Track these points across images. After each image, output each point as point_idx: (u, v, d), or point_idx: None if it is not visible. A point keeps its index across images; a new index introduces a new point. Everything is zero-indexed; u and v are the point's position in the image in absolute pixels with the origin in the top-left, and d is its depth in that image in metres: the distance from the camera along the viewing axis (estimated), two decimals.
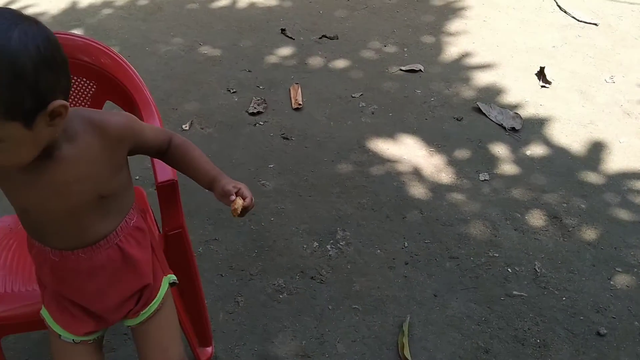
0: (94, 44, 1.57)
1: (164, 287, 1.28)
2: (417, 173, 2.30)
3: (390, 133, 2.49)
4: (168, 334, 1.29)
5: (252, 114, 2.60)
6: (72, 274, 1.16)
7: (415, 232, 2.07)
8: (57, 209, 1.07)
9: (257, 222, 2.12)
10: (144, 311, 1.25)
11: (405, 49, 3.01)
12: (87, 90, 1.58)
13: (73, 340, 1.21)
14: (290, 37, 3.09)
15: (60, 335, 1.20)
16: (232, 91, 2.74)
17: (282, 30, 3.13)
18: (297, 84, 2.76)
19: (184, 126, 2.53)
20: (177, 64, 2.92)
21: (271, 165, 2.35)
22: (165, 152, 1.24)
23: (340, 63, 2.92)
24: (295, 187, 2.26)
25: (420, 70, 2.84)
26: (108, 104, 1.58)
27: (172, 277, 1.32)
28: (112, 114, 1.12)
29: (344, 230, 2.09)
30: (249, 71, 2.87)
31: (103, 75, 1.56)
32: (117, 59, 1.57)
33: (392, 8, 3.33)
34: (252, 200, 1.19)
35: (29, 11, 3.35)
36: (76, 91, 1.58)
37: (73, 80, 1.55)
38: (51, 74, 0.93)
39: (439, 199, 2.19)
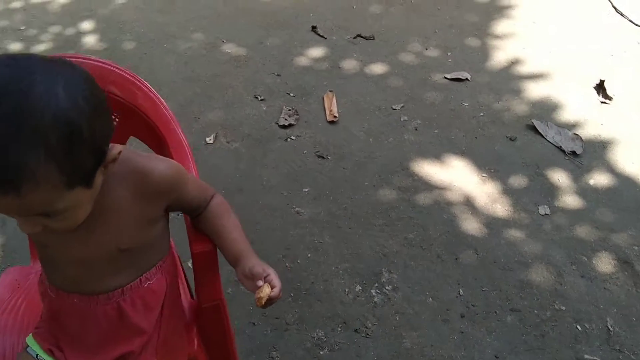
0: (119, 72, 1.32)
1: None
2: (469, 204, 2.06)
3: (436, 154, 2.25)
4: None
5: (283, 126, 2.35)
6: (66, 316, 1.08)
7: (471, 277, 1.84)
8: (74, 253, 0.99)
9: (293, 258, 1.89)
10: None
11: (449, 53, 2.74)
12: None
13: (37, 356, 1.08)
14: (322, 36, 2.81)
15: (28, 346, 1.09)
16: (260, 98, 2.48)
17: (313, 27, 2.85)
18: (331, 91, 2.51)
19: (207, 139, 2.28)
20: (198, 65, 2.65)
21: (306, 189, 2.11)
22: (200, 212, 1.11)
23: (378, 68, 2.65)
24: (333, 217, 2.02)
25: (466, 79, 2.58)
26: (132, 139, 1.34)
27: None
28: (159, 161, 1.00)
29: (390, 271, 1.86)
30: (277, 75, 2.60)
31: (129, 109, 1.31)
32: (147, 90, 1.33)
33: (433, 4, 3.05)
34: (280, 290, 1.02)
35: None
36: None
37: None
38: (102, 121, 0.82)
39: (495, 236, 1.96)
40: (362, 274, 1.86)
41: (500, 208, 2.05)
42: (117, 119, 1.36)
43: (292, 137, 2.32)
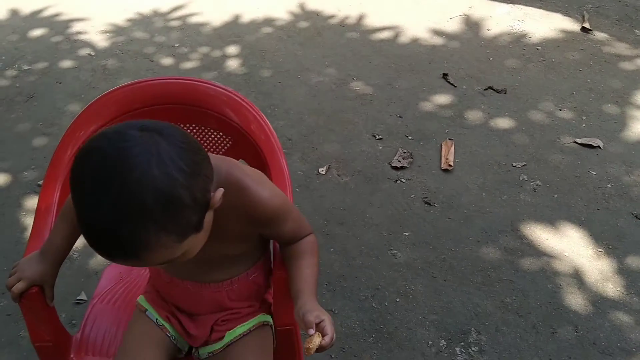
0: (240, 100, 1.42)
1: (256, 319, 1.24)
2: (577, 277, 1.93)
3: (552, 219, 2.13)
4: None
5: (395, 167, 2.36)
6: (177, 298, 1.22)
7: (565, 355, 1.71)
8: None
9: (381, 300, 1.88)
10: (229, 332, 1.21)
11: (584, 117, 2.60)
12: (223, 145, 1.44)
13: (157, 320, 1.22)
14: (452, 84, 2.80)
15: (146, 310, 1.23)
16: (377, 137, 2.52)
17: (444, 74, 2.85)
18: (450, 140, 2.48)
19: (320, 169, 2.35)
20: (326, 99, 2.75)
21: (406, 233, 2.10)
22: (288, 245, 1.19)
23: (504, 122, 2.58)
24: (429, 266, 1.99)
25: (598, 146, 2.43)
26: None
27: (268, 319, 1.26)
28: (266, 190, 1.07)
29: (479, 332, 1.78)
30: (399, 117, 2.63)
31: (241, 134, 1.41)
32: (260, 119, 1.41)
33: (574, 65, 2.92)
34: (332, 339, 1.03)
35: (193, 20, 3.37)
36: (212, 143, 1.44)
37: (212, 132, 1.43)
38: (201, 178, 0.89)
39: (600, 317, 1.81)
40: (449, 329, 1.80)
41: (612, 288, 1.90)
42: (230, 142, 1.47)
43: (403, 180, 2.32)
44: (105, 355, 1.30)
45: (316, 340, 1.01)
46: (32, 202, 2.26)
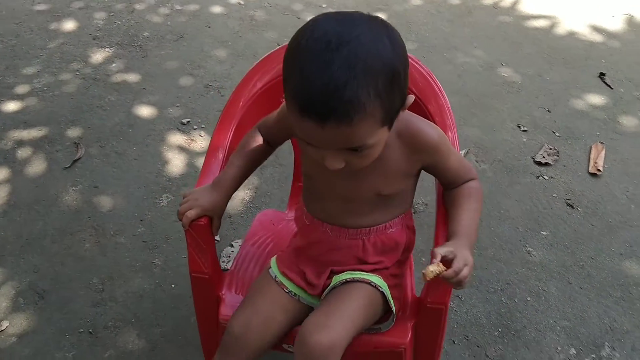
0: (417, 65, 1.39)
1: (376, 278, 1.19)
2: None
3: None
4: (346, 304, 1.13)
5: (539, 163, 2.25)
6: (313, 243, 1.23)
7: None
8: (338, 191, 1.14)
9: (511, 295, 1.82)
10: (337, 275, 1.20)
11: None
12: None
13: (286, 289, 1.22)
14: (609, 85, 2.63)
15: (275, 277, 1.23)
16: (522, 129, 2.41)
17: (601, 74, 2.67)
18: (601, 143, 2.33)
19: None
20: (471, 80, 2.66)
21: (544, 233, 2.01)
22: (453, 187, 1.20)
23: None
24: (566, 270, 1.89)
25: None
26: None
27: (384, 285, 1.19)
28: (428, 125, 1.13)
29: (614, 348, 1.68)
30: (548, 111, 2.50)
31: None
32: (431, 80, 1.40)
33: None
34: (455, 274, 1.00)
35: None
36: None
37: None
38: (408, 71, 0.96)
39: None
40: (581, 339, 1.71)
41: None
42: None
43: (545, 177, 2.21)
44: None
45: (434, 268, 0.99)
46: (174, 138, 2.35)
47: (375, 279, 1.19)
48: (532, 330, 1.73)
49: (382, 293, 1.18)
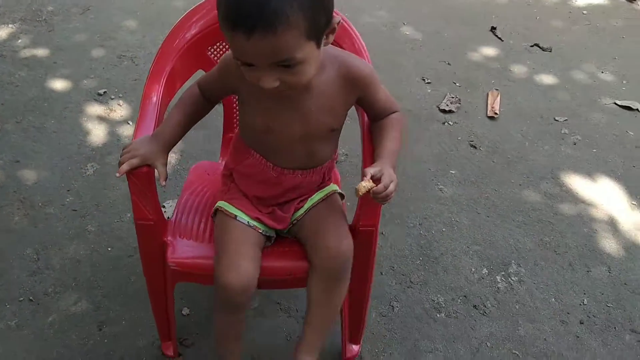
0: None
1: (328, 188, 1.38)
2: (612, 225, 2.06)
3: (590, 171, 2.25)
4: (338, 216, 1.33)
5: (444, 110, 2.46)
6: (278, 187, 1.32)
7: (598, 291, 1.85)
8: (297, 133, 1.22)
9: (428, 228, 2.01)
10: (309, 198, 1.35)
11: (624, 82, 2.70)
12: None
13: (248, 222, 1.31)
14: (500, 38, 2.88)
15: (236, 216, 1.31)
16: (426, 81, 2.61)
17: (493, 28, 2.92)
18: (497, 90, 2.57)
19: None
20: (376, 39, 2.82)
21: (452, 172, 2.21)
22: (380, 119, 1.32)
23: (548, 79, 2.67)
24: (474, 202, 2.11)
25: (637, 109, 2.53)
26: None
27: (336, 187, 1.40)
28: (361, 60, 1.26)
29: (519, 265, 1.92)
30: (448, 64, 2.71)
31: None
32: (345, 25, 1.53)
33: (618, 32, 3.00)
34: (385, 188, 1.14)
35: None
36: None
37: None
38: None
39: (632, 261, 1.95)
40: (491, 259, 1.93)
41: None
42: None
43: (450, 123, 2.42)
44: (196, 240, 1.41)
45: (365, 184, 1.12)
46: (92, 109, 2.35)
47: (334, 187, 1.40)
48: (448, 256, 1.93)
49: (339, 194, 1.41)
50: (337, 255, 1.27)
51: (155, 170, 1.27)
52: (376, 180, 1.15)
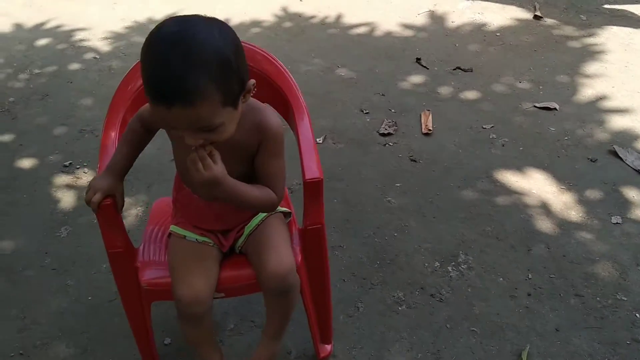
0: (259, 51, 1.73)
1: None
2: (545, 208, 2.28)
3: (519, 166, 2.49)
4: (277, 237, 1.45)
5: (383, 134, 2.70)
6: (211, 216, 1.45)
7: (541, 266, 2.05)
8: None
9: (382, 236, 2.19)
10: (250, 222, 1.47)
11: (541, 87, 3.00)
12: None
13: (196, 239, 1.45)
14: (425, 67, 3.18)
15: (185, 237, 1.46)
16: (364, 112, 2.86)
17: (418, 59, 3.23)
18: (428, 110, 2.84)
19: (318, 140, 2.67)
20: (316, 83, 3.09)
21: (398, 184, 2.43)
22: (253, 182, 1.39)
23: (473, 95, 2.96)
24: (420, 207, 2.31)
25: (555, 108, 2.82)
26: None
27: (281, 208, 1.53)
28: (273, 116, 1.34)
29: (467, 254, 2.11)
30: (382, 95, 2.98)
31: (263, 80, 1.71)
32: (279, 66, 1.73)
33: (530, 46, 3.34)
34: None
35: None
36: None
37: None
38: (243, 59, 1.16)
39: (567, 236, 2.16)
40: (441, 253, 2.12)
41: (575, 214, 2.25)
42: (255, 89, 1.78)
43: (390, 144, 2.65)
44: (160, 264, 1.56)
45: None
46: (60, 179, 2.51)
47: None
48: (402, 256, 2.11)
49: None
50: (276, 276, 1.39)
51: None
52: None
